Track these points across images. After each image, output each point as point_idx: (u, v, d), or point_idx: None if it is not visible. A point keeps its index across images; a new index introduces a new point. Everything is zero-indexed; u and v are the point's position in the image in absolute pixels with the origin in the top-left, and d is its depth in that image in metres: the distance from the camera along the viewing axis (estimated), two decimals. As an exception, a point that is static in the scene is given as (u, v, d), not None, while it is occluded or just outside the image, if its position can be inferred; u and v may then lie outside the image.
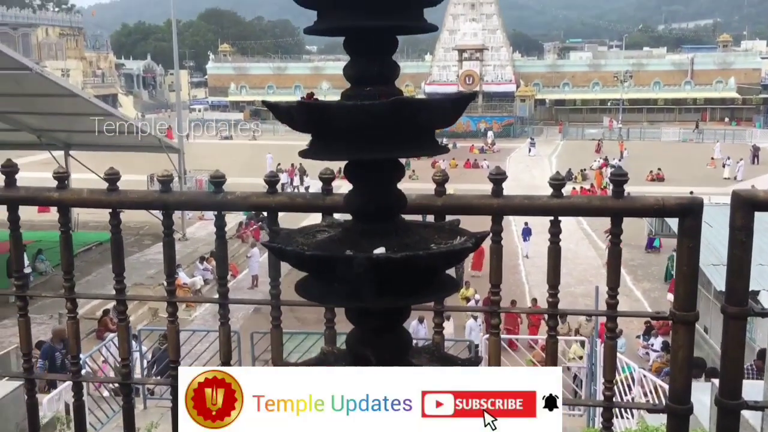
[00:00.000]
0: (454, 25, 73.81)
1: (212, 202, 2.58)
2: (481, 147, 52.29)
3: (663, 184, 36.76)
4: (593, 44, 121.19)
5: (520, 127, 61.35)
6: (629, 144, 50.46)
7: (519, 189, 15.09)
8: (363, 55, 1.56)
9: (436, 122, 1.59)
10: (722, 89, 68.68)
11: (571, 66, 79.29)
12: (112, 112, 22.66)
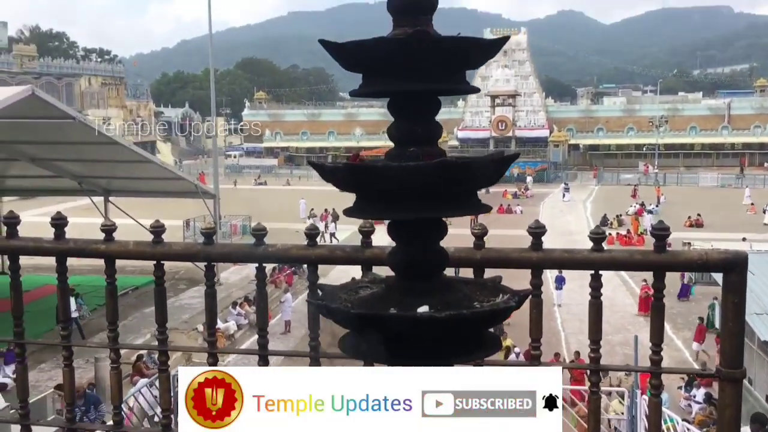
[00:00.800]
0: (487, 71, 74.46)
1: (254, 254, 2.62)
2: (515, 192, 52.06)
3: (702, 230, 36.08)
4: (627, 89, 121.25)
5: (554, 173, 61.12)
6: (666, 189, 49.86)
7: (554, 235, 15.19)
8: (407, 116, 1.60)
9: (479, 182, 1.62)
10: (761, 134, 67.75)
11: (604, 111, 79.17)
12: (151, 159, 23.21)
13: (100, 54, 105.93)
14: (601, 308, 2.46)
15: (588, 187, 56.39)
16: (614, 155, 69.72)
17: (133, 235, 2.91)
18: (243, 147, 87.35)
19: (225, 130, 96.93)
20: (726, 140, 68.23)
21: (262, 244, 2.59)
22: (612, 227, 37.11)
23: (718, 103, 78.78)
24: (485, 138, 69.39)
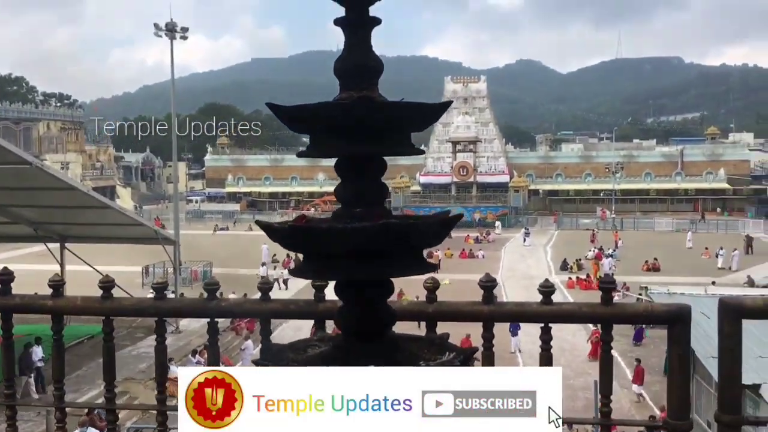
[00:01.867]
0: (448, 118, 75.69)
1: (206, 309, 2.60)
2: (477, 237, 52.49)
3: (659, 274, 36.73)
4: (584, 136, 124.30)
5: (515, 217, 61.89)
6: (623, 234, 50.78)
7: (515, 279, 15.29)
8: (352, 178, 1.63)
9: (426, 242, 1.65)
10: (713, 180, 69.85)
11: (563, 157, 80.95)
12: (109, 204, 22.87)
13: (59, 99, 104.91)
14: (551, 360, 2.49)
15: (548, 232, 57.16)
16: (573, 200, 71.02)
17: (90, 283, 2.86)
18: (205, 192, 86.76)
19: (187, 174, 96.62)
20: (680, 186, 70.13)
21: (214, 299, 2.57)
22: (572, 271, 37.57)
23: (671, 150, 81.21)
24: (447, 183, 70.16)
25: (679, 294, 23.08)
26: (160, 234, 25.54)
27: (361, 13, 1.60)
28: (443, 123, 76.02)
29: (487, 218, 61.46)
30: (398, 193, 65.00)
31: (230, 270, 32.73)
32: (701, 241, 45.92)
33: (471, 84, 78.11)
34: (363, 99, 1.51)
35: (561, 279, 36.11)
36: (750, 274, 34.34)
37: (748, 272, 35.16)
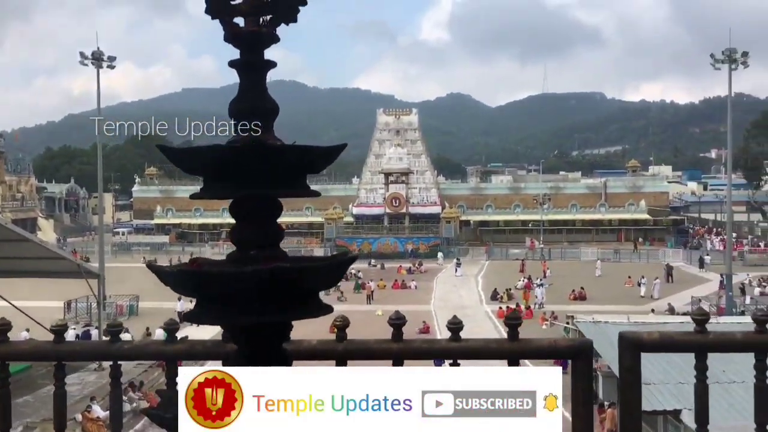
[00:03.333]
0: (380, 149, 76.47)
1: (108, 352, 2.51)
2: (409, 268, 52.81)
3: (585, 302, 37.67)
4: (513, 168, 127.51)
5: (446, 248, 62.54)
6: (551, 263, 52.00)
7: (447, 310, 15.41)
8: (247, 220, 1.61)
9: (319, 284, 1.64)
10: (634, 211, 72.53)
11: (493, 189, 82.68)
12: (29, 237, 21.99)
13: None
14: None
15: (479, 262, 57.98)
16: (503, 231, 72.34)
17: (10, 319, 2.70)
18: (132, 224, 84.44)
19: (113, 206, 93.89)
20: (604, 217, 72.51)
21: (117, 341, 2.49)
22: (502, 301, 38.11)
23: (595, 182, 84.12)
24: (380, 214, 70.50)
25: (603, 323, 23.74)
26: (83, 268, 24.69)
27: (256, 55, 1.61)
28: (376, 154, 76.69)
29: (419, 249, 61.96)
30: (331, 225, 64.88)
31: (158, 303, 31.75)
32: (624, 270, 47.44)
33: (403, 116, 79.20)
34: (254, 143, 1.50)
35: (492, 309, 36.59)
36: (671, 302, 35.64)
37: (669, 300, 36.49)
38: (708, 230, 73.78)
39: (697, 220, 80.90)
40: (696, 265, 50.75)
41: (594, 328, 22.94)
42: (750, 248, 59.97)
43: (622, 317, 25.97)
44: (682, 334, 2.47)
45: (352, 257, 1.73)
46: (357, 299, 40.15)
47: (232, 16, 1.61)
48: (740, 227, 70.02)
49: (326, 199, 78.58)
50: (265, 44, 1.63)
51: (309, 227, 73.82)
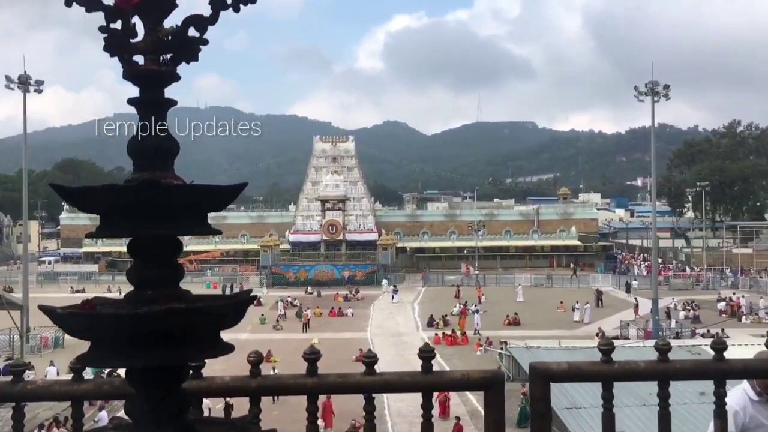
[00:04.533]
0: (317, 176, 76.40)
1: (10, 393, 2.40)
2: (346, 295, 52.62)
3: (519, 328, 38.25)
4: (448, 195, 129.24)
5: (383, 275, 62.67)
6: (486, 289, 52.71)
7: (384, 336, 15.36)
8: (144, 259, 1.59)
9: (219, 324, 1.62)
10: (565, 237, 74.39)
11: (429, 216, 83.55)
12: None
13: None
14: (432, 429, 2.49)
15: (416, 289, 58.25)
16: (439, 257, 73.00)
17: None
18: (59, 252, 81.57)
19: (39, 234, 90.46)
20: (536, 243, 74.08)
21: (20, 381, 2.39)
22: (438, 327, 38.31)
23: (528, 209, 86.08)
24: (316, 241, 70.19)
25: (535, 348, 24.18)
26: (5, 298, 23.69)
27: (155, 94, 1.60)
28: (312, 181, 76.58)
29: (356, 276, 61.86)
30: (267, 252, 64.15)
31: (83, 336, 30.51)
32: (557, 295, 48.45)
33: (340, 143, 79.49)
34: (149, 182, 1.49)
35: (428, 335, 36.73)
36: (600, 326, 36.54)
37: (599, 324, 37.42)
38: (635, 256, 76.24)
39: (625, 246, 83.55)
40: (624, 290, 52.31)
41: (527, 353, 23.36)
42: (674, 273, 62.22)
43: (554, 342, 26.54)
44: (589, 364, 2.54)
45: (253, 296, 1.72)
46: (293, 327, 39.71)
47: (131, 54, 1.60)
48: (665, 253, 72.66)
49: (261, 226, 77.85)
50: (165, 83, 1.62)
51: (245, 255, 72.86)
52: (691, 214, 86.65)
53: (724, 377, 2.55)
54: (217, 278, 62.41)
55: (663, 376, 2.49)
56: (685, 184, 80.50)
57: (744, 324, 38.41)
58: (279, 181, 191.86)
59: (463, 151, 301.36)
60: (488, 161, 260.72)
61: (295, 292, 54.25)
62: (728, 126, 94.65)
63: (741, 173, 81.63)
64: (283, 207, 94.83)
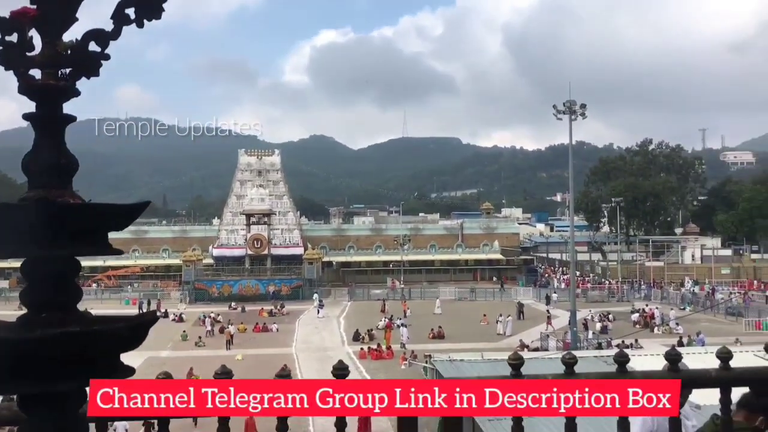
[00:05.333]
0: (242, 190, 75.45)
1: None
2: (271, 310, 51.98)
3: (444, 341, 38.67)
4: (375, 210, 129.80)
5: (309, 290, 62.28)
6: (411, 303, 53.11)
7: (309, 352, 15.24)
8: (38, 281, 1.53)
9: (118, 347, 1.58)
10: (488, 251, 75.96)
11: (355, 230, 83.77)
12: None
13: None
14: None
15: (342, 303, 58.13)
16: (365, 272, 73.19)
17: None
18: (-36, 268, 77.30)
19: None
20: (461, 257, 75.32)
21: None
22: (364, 342, 38.30)
23: (452, 224, 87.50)
24: (241, 256, 69.15)
25: (459, 361, 24.47)
26: None
27: (52, 109, 1.55)
28: (237, 195, 75.55)
29: (282, 291, 61.24)
30: (189, 267, 62.73)
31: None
32: (481, 308, 49.28)
33: (265, 157, 78.82)
34: (43, 201, 1.43)
35: (354, 350, 36.67)
36: (522, 338, 37.38)
37: (520, 336, 38.27)
38: (555, 269, 78.48)
39: (545, 259, 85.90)
40: (544, 302, 53.71)
41: (450, 366, 23.60)
42: (592, 286, 64.39)
43: (477, 354, 26.91)
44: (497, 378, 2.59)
45: (156, 318, 1.68)
46: (216, 344, 38.89)
47: (28, 67, 1.54)
48: (583, 266, 75.12)
49: (184, 240, 76.18)
50: (63, 98, 1.57)
51: (166, 270, 71.08)
52: (607, 228, 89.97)
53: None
54: (137, 294, 60.51)
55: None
56: (602, 200, 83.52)
57: (656, 334, 40.05)
58: (203, 194, 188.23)
59: (390, 165, 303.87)
60: (414, 176, 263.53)
61: (219, 307, 53.21)
62: (641, 144, 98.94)
63: (653, 189, 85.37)
64: (207, 221, 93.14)
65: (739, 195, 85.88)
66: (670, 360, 2.73)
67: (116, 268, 68.95)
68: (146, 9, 1.60)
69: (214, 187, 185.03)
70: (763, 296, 54.16)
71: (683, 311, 47.51)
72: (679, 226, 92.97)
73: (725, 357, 2.71)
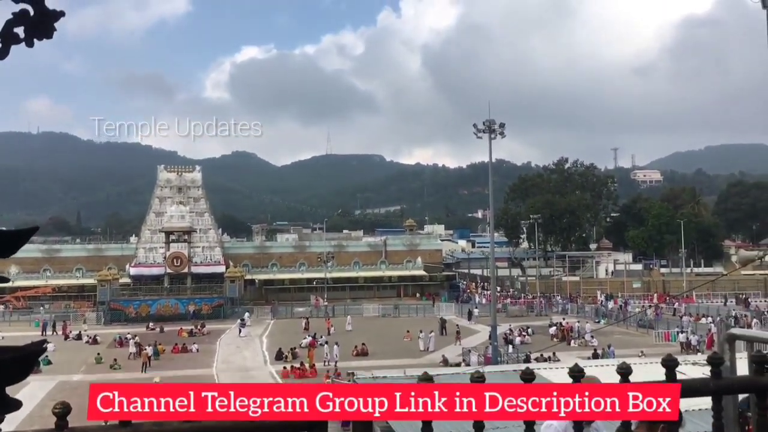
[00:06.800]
0: (161, 207, 73.54)
1: None
2: (191, 330, 50.66)
3: (367, 358, 38.62)
4: (298, 227, 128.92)
5: (231, 308, 61.12)
6: (335, 320, 52.84)
7: (230, 372, 14.93)
8: None
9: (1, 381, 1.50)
10: (412, 268, 76.60)
11: (278, 247, 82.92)
12: None
13: None
14: None
15: (264, 322, 57.28)
16: (288, 289, 72.45)
17: None
18: None
19: None
20: (384, 273, 75.64)
21: None
22: (287, 360, 37.85)
23: (376, 241, 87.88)
24: (160, 274, 67.26)
25: (381, 377, 24.48)
26: None
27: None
28: (156, 212, 73.57)
29: (202, 310, 59.84)
30: (105, 287, 60.53)
31: None
32: (404, 325, 49.52)
33: (186, 173, 77.18)
34: None
35: (276, 369, 36.18)
36: (444, 354, 37.77)
37: (443, 352, 38.66)
38: (476, 285, 79.85)
39: (467, 275, 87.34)
40: (466, 318, 54.50)
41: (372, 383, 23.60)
42: (511, 301, 65.83)
43: (400, 371, 26.99)
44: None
45: (43, 348, 1.61)
46: (133, 366, 37.57)
47: None
48: (503, 282, 76.78)
49: (99, 258, 73.52)
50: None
51: (80, 290, 68.32)
52: (525, 244, 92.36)
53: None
54: (48, 316, 57.84)
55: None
56: (520, 217, 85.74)
57: (573, 347, 41.26)
58: (119, 211, 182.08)
59: (313, 182, 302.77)
60: (337, 193, 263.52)
61: (136, 328, 51.48)
62: (557, 162, 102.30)
63: (568, 206, 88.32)
64: (124, 239, 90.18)
65: (649, 212, 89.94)
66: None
67: (26, 288, 65.75)
68: (36, 28, 1.54)
69: (132, 204, 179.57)
70: (671, 309, 56.71)
71: (598, 324, 49.15)
72: (594, 241, 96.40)
73: (625, 372, 2.81)
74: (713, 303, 60.34)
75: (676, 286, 68.95)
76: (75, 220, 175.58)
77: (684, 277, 71.17)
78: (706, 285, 55.56)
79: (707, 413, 3.23)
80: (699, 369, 13.12)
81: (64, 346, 44.24)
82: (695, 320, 48.57)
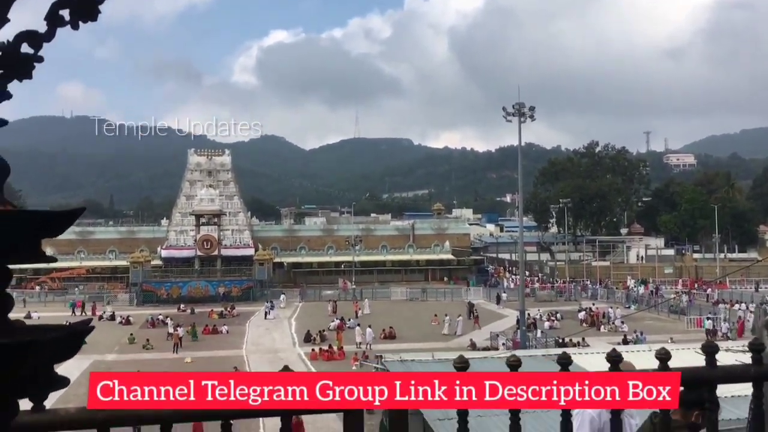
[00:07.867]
0: (191, 190, 74.32)
1: None
2: (221, 311, 51.31)
3: (395, 341, 38.81)
4: (326, 210, 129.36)
5: (260, 291, 61.73)
6: (363, 304, 53.11)
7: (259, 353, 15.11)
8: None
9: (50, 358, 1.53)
10: (439, 252, 76.51)
11: (306, 231, 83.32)
12: None
13: None
14: None
15: (293, 304, 57.76)
16: (316, 272, 72.89)
17: None
18: None
19: None
20: (412, 257, 75.68)
21: None
22: (315, 343, 38.17)
23: (404, 224, 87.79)
24: (190, 257, 68.12)
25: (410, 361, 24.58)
26: None
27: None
28: (187, 195, 74.38)
29: (232, 292, 60.52)
30: (137, 269, 61.51)
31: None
32: (432, 308, 49.59)
33: (215, 157, 77.78)
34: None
35: (305, 351, 36.53)
36: (472, 338, 37.79)
37: (471, 336, 38.67)
38: (505, 269, 79.51)
39: (495, 259, 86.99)
40: (495, 302, 54.35)
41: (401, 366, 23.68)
42: (540, 285, 65.46)
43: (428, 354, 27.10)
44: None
45: (90, 327, 1.63)
46: (165, 347, 38.21)
47: (-45, 69, 1.48)
48: (532, 266, 76.33)
49: (131, 241, 74.62)
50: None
51: (113, 271, 69.53)
52: (555, 229, 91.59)
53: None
54: (82, 297, 59.02)
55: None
56: (550, 201, 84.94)
57: (602, 333, 40.97)
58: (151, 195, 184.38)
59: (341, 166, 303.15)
60: (366, 176, 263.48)
61: (168, 309, 52.31)
62: (587, 146, 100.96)
63: (599, 190, 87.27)
64: (155, 222, 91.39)
65: (681, 196, 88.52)
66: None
67: (61, 269, 67.08)
68: (81, 10, 1.56)
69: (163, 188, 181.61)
70: (704, 295, 55.94)
71: (628, 310, 48.71)
72: (625, 226, 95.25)
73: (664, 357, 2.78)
74: (747, 289, 59.35)
75: (709, 271, 67.92)
76: (108, 203, 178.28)
77: (717, 263, 70.03)
78: (739, 271, 54.65)
79: (741, 400, 3.18)
80: (731, 356, 12.94)
81: (97, 326, 45.09)
82: (730, 306, 47.78)
